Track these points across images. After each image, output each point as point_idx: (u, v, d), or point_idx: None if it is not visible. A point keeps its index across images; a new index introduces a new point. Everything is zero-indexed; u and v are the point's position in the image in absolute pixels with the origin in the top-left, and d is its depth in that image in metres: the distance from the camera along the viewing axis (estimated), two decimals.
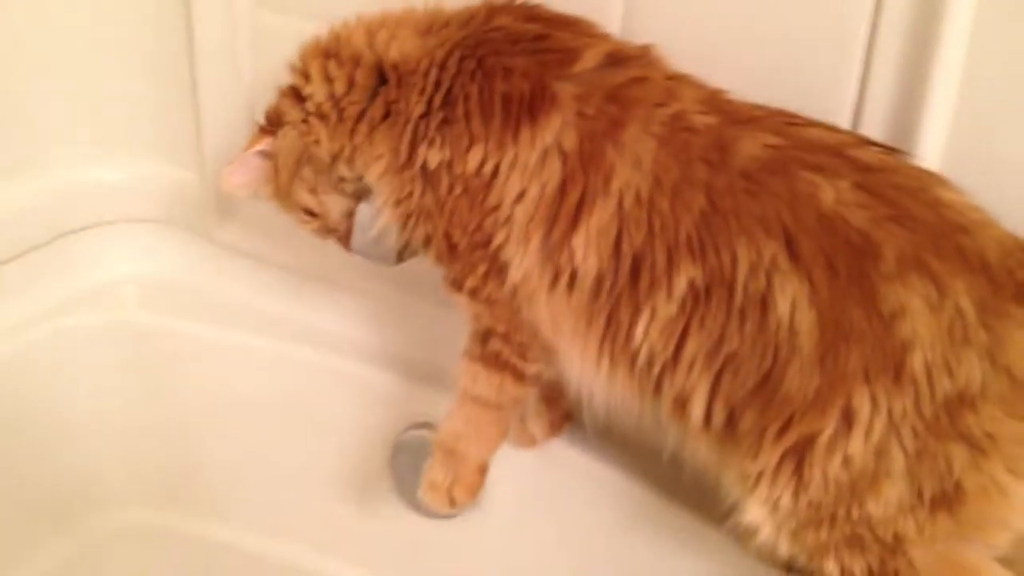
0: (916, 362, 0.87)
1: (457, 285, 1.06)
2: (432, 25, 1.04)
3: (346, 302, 1.41)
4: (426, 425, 1.33)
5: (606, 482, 1.25)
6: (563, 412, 1.27)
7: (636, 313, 0.95)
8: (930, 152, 0.99)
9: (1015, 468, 0.88)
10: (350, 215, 1.12)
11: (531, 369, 1.08)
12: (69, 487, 1.47)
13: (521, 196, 0.97)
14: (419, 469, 1.34)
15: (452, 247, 1.03)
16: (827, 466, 0.90)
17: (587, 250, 0.95)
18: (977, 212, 0.91)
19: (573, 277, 0.97)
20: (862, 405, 0.88)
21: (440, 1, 1.07)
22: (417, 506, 1.36)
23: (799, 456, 0.91)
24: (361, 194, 1.11)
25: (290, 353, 1.41)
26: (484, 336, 1.08)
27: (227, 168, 1.15)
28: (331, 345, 1.40)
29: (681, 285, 0.93)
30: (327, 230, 1.15)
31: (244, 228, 1.45)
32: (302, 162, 1.11)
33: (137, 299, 1.48)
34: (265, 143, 1.13)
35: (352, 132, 1.05)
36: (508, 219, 0.98)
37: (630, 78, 0.97)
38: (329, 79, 1.06)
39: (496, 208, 0.98)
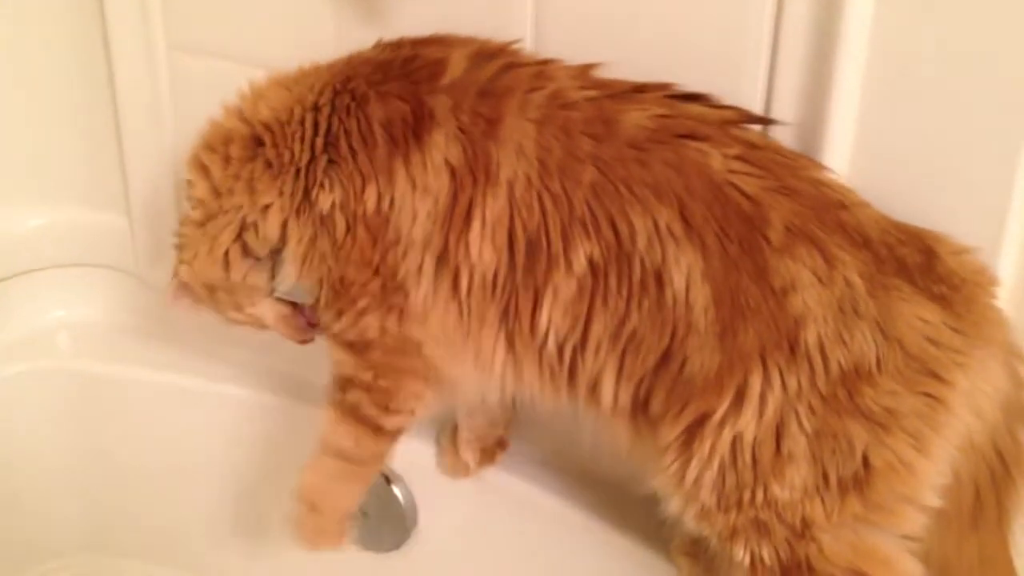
0: (810, 337, 0.87)
1: (339, 333, 1.02)
2: (299, 76, 1.04)
3: (282, 341, 1.39)
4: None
5: (542, 510, 1.23)
6: (496, 440, 1.25)
7: (538, 297, 0.94)
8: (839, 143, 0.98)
9: (919, 444, 0.87)
10: (285, 318, 1.12)
11: (390, 423, 1.04)
12: (13, 537, 1.46)
13: (415, 217, 0.96)
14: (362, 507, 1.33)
15: (346, 286, 1.00)
16: (717, 442, 0.89)
17: (482, 245, 0.94)
18: (852, 193, 0.92)
19: (471, 276, 0.95)
20: (754, 382, 0.88)
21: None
22: (365, 543, 1.35)
23: (693, 433, 0.90)
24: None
25: (227, 393, 1.40)
26: (344, 384, 1.04)
27: (166, 298, 1.14)
28: (270, 384, 1.39)
29: (580, 261, 0.92)
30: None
31: None
32: (212, 289, 1.10)
33: (70, 345, 1.48)
34: (181, 271, 1.11)
35: (231, 195, 1.03)
36: (409, 247, 0.97)
37: (498, 68, 0.97)
38: (206, 171, 1.04)
39: (397, 241, 0.97)
